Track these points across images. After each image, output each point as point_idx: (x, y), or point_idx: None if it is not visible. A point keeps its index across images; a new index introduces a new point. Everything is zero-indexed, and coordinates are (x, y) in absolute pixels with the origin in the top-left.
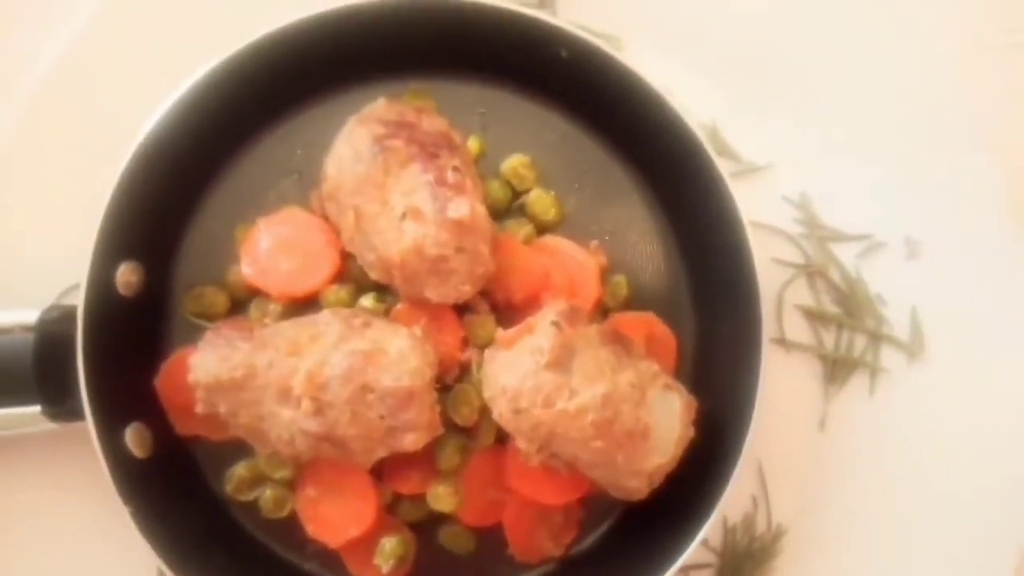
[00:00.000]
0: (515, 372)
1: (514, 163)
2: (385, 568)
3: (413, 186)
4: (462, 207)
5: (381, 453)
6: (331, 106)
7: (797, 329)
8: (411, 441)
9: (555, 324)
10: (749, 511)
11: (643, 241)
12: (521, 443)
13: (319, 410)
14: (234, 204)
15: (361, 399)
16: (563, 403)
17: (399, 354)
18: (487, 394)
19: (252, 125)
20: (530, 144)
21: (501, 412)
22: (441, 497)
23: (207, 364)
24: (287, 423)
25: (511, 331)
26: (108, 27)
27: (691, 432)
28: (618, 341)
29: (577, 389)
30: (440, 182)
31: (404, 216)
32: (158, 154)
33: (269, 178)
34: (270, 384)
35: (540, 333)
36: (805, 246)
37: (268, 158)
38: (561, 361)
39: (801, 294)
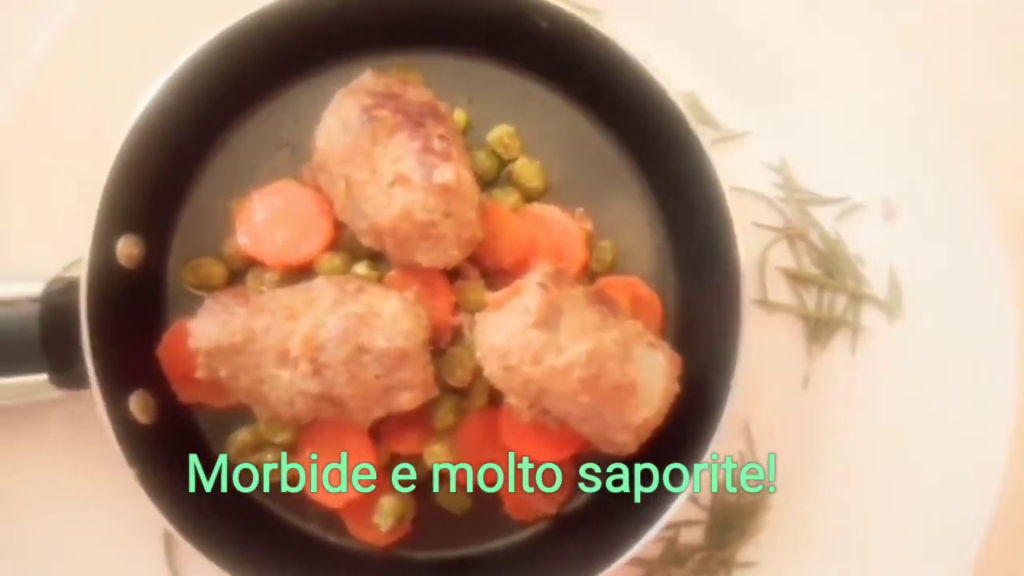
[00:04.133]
0: (504, 331)
1: (499, 133)
2: (384, 526)
3: (400, 154)
4: (447, 173)
5: (379, 413)
6: (319, 81)
7: (779, 291)
8: (407, 400)
9: (541, 285)
10: (737, 468)
11: (628, 207)
12: (512, 400)
13: (317, 371)
14: (228, 178)
15: (357, 360)
16: (551, 360)
17: (392, 316)
18: (478, 354)
19: (244, 101)
20: (515, 116)
21: (492, 370)
22: (438, 455)
23: (207, 330)
24: (286, 385)
25: (500, 293)
26: (102, 7)
27: (676, 387)
28: (603, 302)
29: (564, 346)
30: (426, 149)
31: (393, 183)
32: (154, 130)
33: (262, 152)
34: (268, 347)
35: (527, 294)
36: (785, 210)
37: (260, 133)
38: (548, 320)
39: (782, 256)
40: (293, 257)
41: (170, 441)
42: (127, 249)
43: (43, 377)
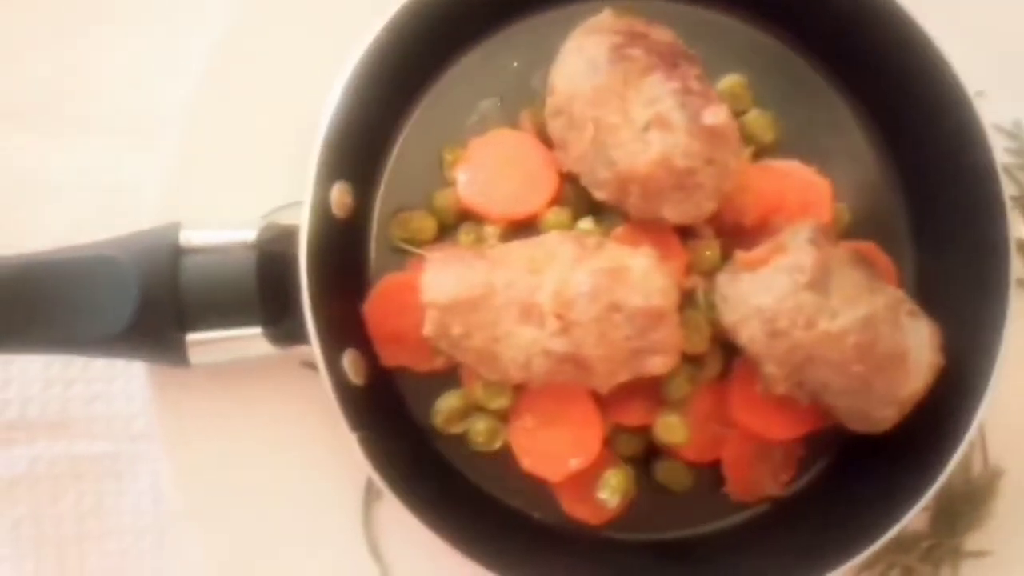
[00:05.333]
0: (770, 293)
1: (731, 83)
2: (612, 502)
3: (657, 95)
4: (720, 113)
5: (623, 377)
6: (528, 26)
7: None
8: (658, 363)
9: (812, 241)
10: (964, 451)
11: (860, 168)
12: (771, 368)
13: (565, 329)
14: (434, 129)
15: (608, 318)
16: (825, 324)
17: (644, 273)
18: (733, 318)
19: (450, 49)
20: (740, 66)
21: (753, 335)
22: (672, 427)
23: (443, 283)
24: (527, 344)
25: (756, 251)
26: None
27: (941, 359)
28: (866, 263)
29: (838, 310)
30: (687, 91)
31: (648, 126)
32: (368, 74)
33: (468, 102)
34: (511, 302)
35: (796, 251)
36: (1020, 177)
37: (466, 82)
38: (820, 281)
39: (1016, 227)
40: (520, 210)
41: (379, 405)
42: (341, 197)
43: (256, 331)
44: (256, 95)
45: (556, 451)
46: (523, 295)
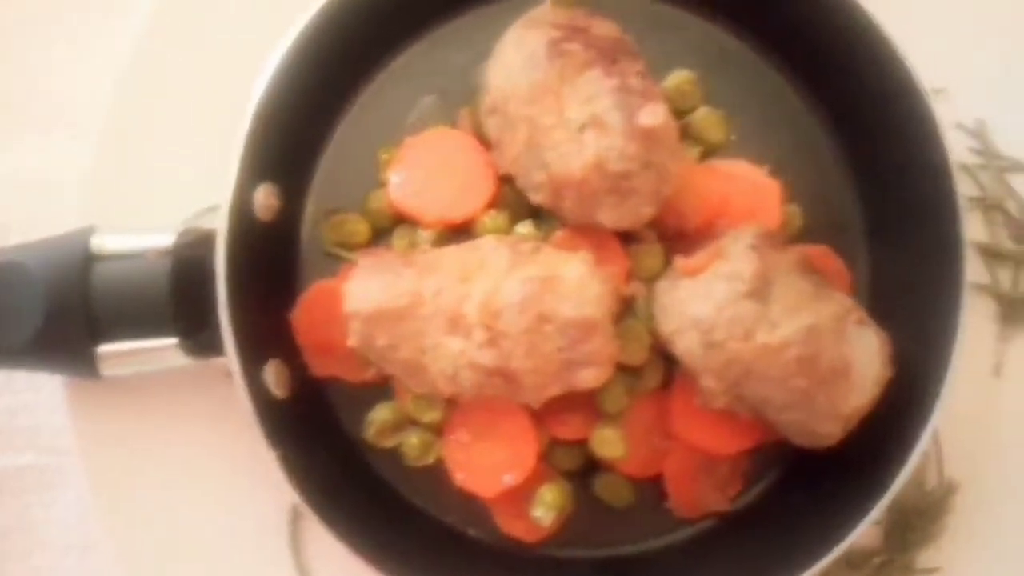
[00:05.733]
0: (708, 302)
1: (679, 79)
2: (546, 520)
3: (594, 93)
4: (657, 113)
5: (554, 391)
6: (470, 20)
7: (970, 266)
8: (590, 377)
9: (753, 248)
10: (918, 464)
11: (816, 168)
12: (708, 382)
13: (493, 340)
14: (370, 127)
15: (538, 330)
16: (764, 336)
17: (578, 281)
18: (668, 328)
19: (388, 43)
20: (690, 62)
21: (689, 347)
22: (609, 441)
23: (367, 291)
24: (455, 355)
25: (696, 257)
26: None
27: (889, 371)
28: (814, 270)
29: (778, 321)
30: (624, 89)
31: (584, 127)
32: (294, 72)
33: (407, 99)
34: (438, 312)
35: (736, 258)
36: (981, 177)
37: (405, 78)
38: (760, 290)
39: (975, 229)
40: (454, 214)
41: (303, 418)
42: (267, 199)
43: (171, 342)
44: (181, 93)
45: (490, 466)
46: (451, 304)
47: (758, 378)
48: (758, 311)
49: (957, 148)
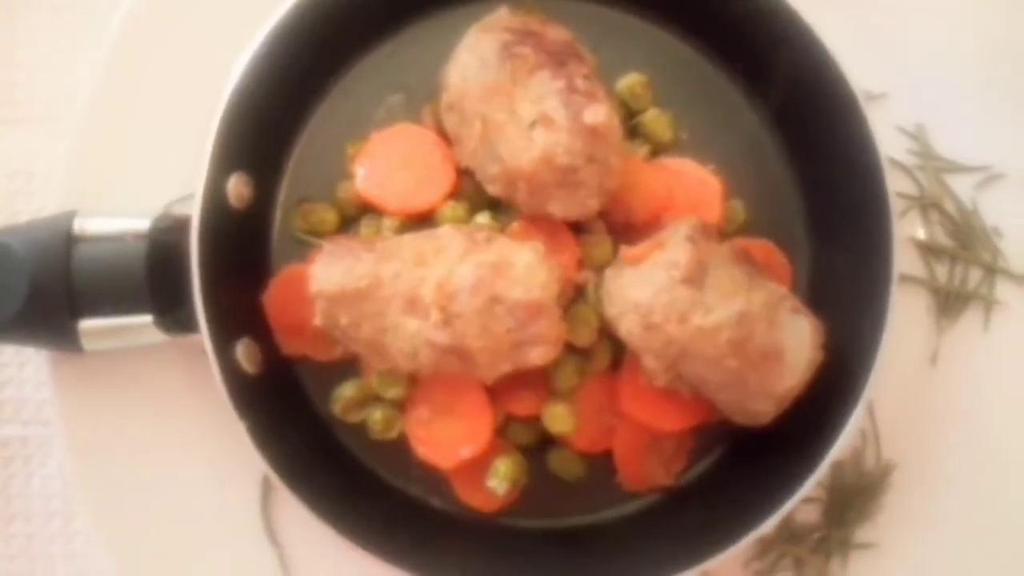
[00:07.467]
0: (647, 288)
1: (631, 82)
2: (500, 489)
3: (543, 93)
4: (599, 112)
5: (506, 368)
6: (435, 23)
7: (909, 262)
8: (538, 355)
9: (689, 238)
10: (858, 445)
11: (759, 167)
12: (649, 362)
13: (447, 321)
14: (339, 122)
15: (489, 311)
16: (698, 319)
17: (527, 267)
18: (613, 311)
19: (358, 42)
20: (643, 66)
21: (630, 329)
22: (559, 417)
23: (330, 274)
24: (412, 335)
25: (638, 247)
26: None
27: (820, 356)
28: (748, 260)
29: (712, 306)
30: (571, 89)
31: (534, 124)
32: (267, 67)
33: (375, 96)
34: (397, 294)
35: (674, 248)
36: (919, 177)
37: (374, 76)
38: (695, 277)
39: (914, 227)
40: (416, 203)
41: (274, 393)
42: (238, 188)
43: (147, 319)
44: (160, 85)
45: (448, 440)
46: (409, 287)
47: (694, 358)
48: (693, 297)
49: (897, 150)
